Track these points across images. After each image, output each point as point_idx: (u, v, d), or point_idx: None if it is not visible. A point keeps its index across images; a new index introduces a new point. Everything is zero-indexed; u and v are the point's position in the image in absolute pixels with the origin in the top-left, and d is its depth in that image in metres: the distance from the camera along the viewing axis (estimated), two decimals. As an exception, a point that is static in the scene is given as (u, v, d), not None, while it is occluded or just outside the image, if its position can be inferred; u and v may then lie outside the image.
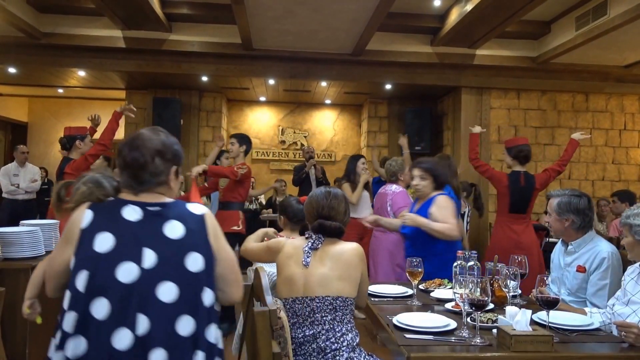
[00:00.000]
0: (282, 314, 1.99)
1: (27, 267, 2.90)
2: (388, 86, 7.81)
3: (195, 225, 1.70)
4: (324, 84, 8.02)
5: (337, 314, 2.21)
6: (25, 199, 7.67)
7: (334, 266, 2.26)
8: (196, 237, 1.69)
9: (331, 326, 2.19)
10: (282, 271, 2.32)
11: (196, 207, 1.77)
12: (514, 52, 7.06)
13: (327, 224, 2.36)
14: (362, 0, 5.23)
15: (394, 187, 4.72)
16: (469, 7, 5.50)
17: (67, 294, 1.61)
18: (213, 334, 1.65)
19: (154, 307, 1.56)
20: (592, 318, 2.41)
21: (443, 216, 3.41)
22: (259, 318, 1.83)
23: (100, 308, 1.54)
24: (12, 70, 7.40)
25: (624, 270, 2.58)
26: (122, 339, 1.52)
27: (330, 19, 5.75)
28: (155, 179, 1.75)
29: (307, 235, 2.39)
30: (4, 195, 7.68)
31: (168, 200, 1.76)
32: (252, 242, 2.70)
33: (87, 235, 1.63)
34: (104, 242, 1.61)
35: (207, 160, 5.45)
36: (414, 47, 7.00)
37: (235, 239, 4.80)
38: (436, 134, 8.45)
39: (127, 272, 1.58)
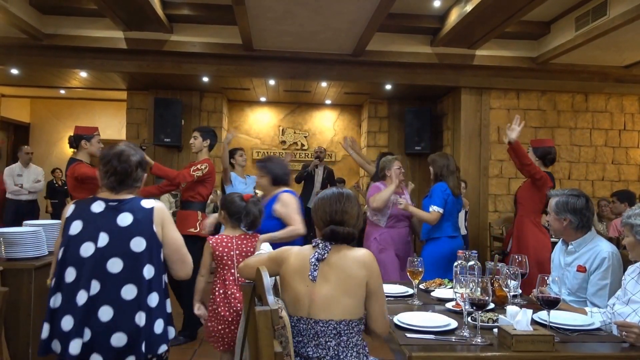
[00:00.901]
0: (284, 313, 2.00)
1: (30, 267, 2.91)
2: (388, 86, 7.82)
3: (142, 216, 2.23)
4: (324, 84, 8.04)
5: (341, 338, 2.04)
6: (28, 200, 7.70)
7: (338, 280, 2.06)
8: (141, 225, 2.21)
9: (335, 352, 2.03)
10: (287, 288, 2.14)
11: (147, 202, 2.29)
12: (514, 52, 7.08)
13: (339, 230, 2.14)
14: (362, 1, 5.24)
15: (374, 183, 4.77)
16: (468, 7, 5.51)
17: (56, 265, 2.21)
18: (154, 300, 2.18)
19: (104, 276, 2.12)
20: (592, 318, 2.42)
21: (287, 214, 3.45)
22: (260, 317, 1.84)
23: (69, 274, 2.13)
24: (14, 71, 7.42)
25: (625, 270, 2.59)
26: (81, 297, 2.08)
27: (330, 19, 5.76)
28: (135, 184, 2.32)
29: (314, 244, 2.18)
30: (7, 195, 7.70)
31: (127, 197, 2.28)
32: (253, 258, 2.47)
33: (68, 222, 2.21)
34: (75, 227, 2.19)
35: (223, 162, 5.30)
36: (414, 47, 7.02)
37: (193, 243, 4.15)
38: (436, 134, 8.47)
39: (86, 249, 2.14)
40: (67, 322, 2.07)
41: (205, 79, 7.57)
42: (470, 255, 2.75)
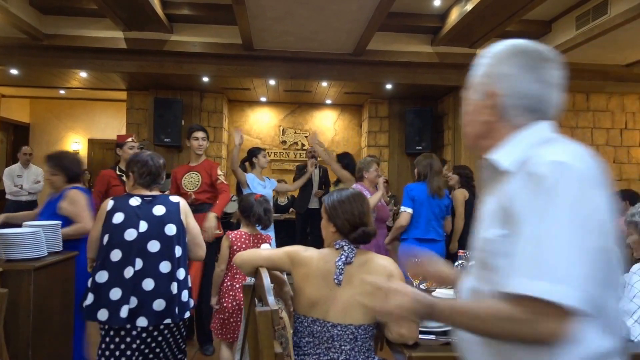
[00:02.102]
0: (284, 314, 1.99)
1: (29, 269, 2.89)
2: (389, 86, 7.81)
3: (172, 208, 2.82)
4: (324, 84, 8.03)
5: (356, 343, 2.03)
6: (28, 200, 7.69)
7: (363, 282, 1.98)
8: (172, 215, 2.78)
9: (347, 357, 2.03)
10: (304, 289, 2.10)
11: (174, 198, 2.90)
12: (515, 51, 7.05)
13: (370, 231, 2.16)
14: (363, 1, 5.23)
15: (352, 186, 4.65)
16: (469, 6, 5.50)
17: (98, 249, 2.71)
18: (182, 274, 2.75)
19: (145, 254, 2.66)
20: None
21: (74, 212, 3.40)
22: (260, 318, 1.83)
23: (115, 255, 2.63)
24: (14, 71, 7.42)
25: (629, 268, 2.59)
26: (128, 272, 2.61)
27: (330, 19, 5.75)
28: (160, 181, 2.92)
29: (338, 246, 2.14)
30: (7, 196, 7.70)
31: (158, 193, 2.88)
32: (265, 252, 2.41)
33: (110, 214, 2.71)
34: (118, 217, 2.69)
35: (233, 164, 5.15)
36: (414, 47, 7.01)
37: (217, 244, 4.15)
38: (437, 134, 8.46)
39: (130, 234, 2.66)
40: (115, 293, 2.58)
41: (206, 79, 7.57)
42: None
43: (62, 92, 9.82)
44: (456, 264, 2.65)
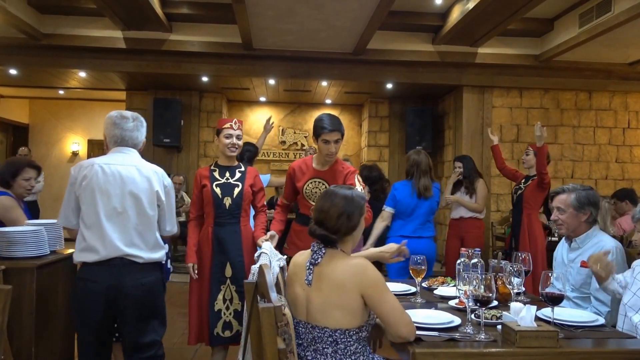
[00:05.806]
0: (287, 311, 1.98)
1: (32, 267, 2.90)
2: (389, 85, 7.80)
3: None
4: (324, 83, 8.01)
5: (338, 346, 1.96)
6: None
7: (330, 292, 1.96)
8: None
9: (333, 359, 1.98)
10: (288, 289, 2.14)
11: None
12: (517, 50, 7.04)
13: (312, 230, 2.04)
14: (364, -1, 5.23)
15: None
16: (470, 5, 5.48)
17: None
18: None
19: None
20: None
21: (9, 218, 3.40)
22: (264, 314, 1.81)
23: None
24: (13, 71, 7.41)
25: (629, 264, 2.58)
26: None
27: (331, 18, 5.74)
28: None
29: (312, 247, 2.08)
30: None
31: None
32: None
33: None
34: None
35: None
36: (415, 45, 6.99)
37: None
38: (437, 133, 8.43)
39: None
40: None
41: (205, 79, 7.55)
42: (473, 253, 2.72)
43: (61, 92, 9.80)
44: (458, 261, 2.64)
